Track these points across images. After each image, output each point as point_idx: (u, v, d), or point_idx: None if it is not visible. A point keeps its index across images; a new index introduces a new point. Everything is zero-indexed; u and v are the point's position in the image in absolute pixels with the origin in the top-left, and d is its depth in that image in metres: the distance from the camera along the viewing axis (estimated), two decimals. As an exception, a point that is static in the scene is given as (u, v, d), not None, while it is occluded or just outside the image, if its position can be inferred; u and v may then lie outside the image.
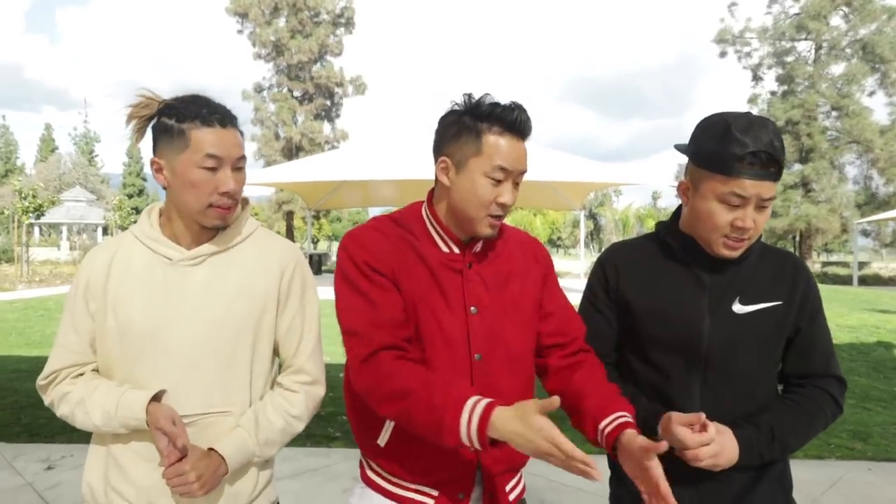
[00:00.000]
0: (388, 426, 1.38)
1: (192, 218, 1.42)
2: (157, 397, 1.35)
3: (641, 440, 1.19)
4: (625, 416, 1.29)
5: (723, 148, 1.33)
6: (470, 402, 1.18)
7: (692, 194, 1.42)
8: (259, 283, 1.46)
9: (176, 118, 1.35)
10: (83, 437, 5.21)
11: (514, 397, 1.33)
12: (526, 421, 1.16)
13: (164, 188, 1.42)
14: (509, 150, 1.32)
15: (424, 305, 1.36)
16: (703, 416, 1.28)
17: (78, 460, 4.38)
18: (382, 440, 1.39)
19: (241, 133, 1.46)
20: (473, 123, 1.33)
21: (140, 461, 1.39)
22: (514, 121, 1.32)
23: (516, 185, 1.37)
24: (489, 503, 1.41)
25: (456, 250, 1.41)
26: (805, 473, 1.52)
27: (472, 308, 1.37)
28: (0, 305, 13.59)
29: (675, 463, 1.38)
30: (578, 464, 1.13)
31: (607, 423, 1.29)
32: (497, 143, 1.32)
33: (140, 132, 1.44)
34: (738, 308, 1.43)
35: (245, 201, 1.53)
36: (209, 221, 1.41)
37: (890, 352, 8.39)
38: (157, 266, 1.42)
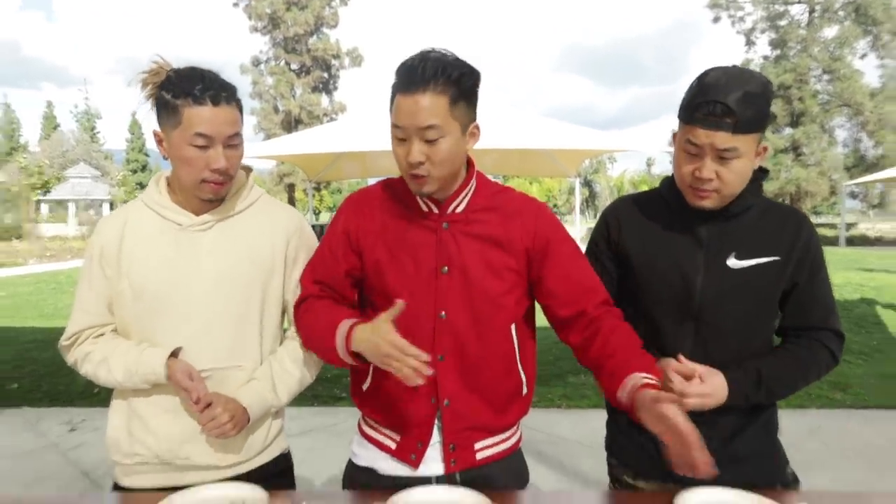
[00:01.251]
0: (371, 372, 1.42)
1: (188, 190, 1.45)
2: (174, 354, 1.41)
3: (651, 394, 1.16)
4: (638, 377, 1.23)
5: (688, 96, 1.33)
6: (342, 323, 1.31)
7: None
8: (265, 247, 1.50)
9: (172, 93, 1.34)
10: (102, 400, 5.32)
11: (484, 359, 1.39)
12: (373, 327, 1.24)
13: (165, 159, 1.45)
14: (404, 105, 1.27)
15: (393, 262, 1.38)
16: (696, 369, 1.30)
17: (98, 423, 4.49)
18: (366, 385, 1.44)
19: (240, 107, 1.42)
20: (393, 89, 1.31)
21: (160, 412, 1.45)
22: (403, 73, 1.28)
23: (428, 142, 1.27)
24: (451, 456, 1.40)
25: (435, 210, 1.39)
26: (786, 421, 1.55)
27: (443, 267, 1.36)
28: (13, 280, 13.66)
29: None
30: (411, 359, 1.17)
31: (624, 391, 1.24)
32: (397, 102, 1.28)
33: (154, 98, 1.43)
34: (732, 263, 1.40)
35: (248, 169, 1.57)
36: (203, 195, 1.43)
37: (872, 308, 8.49)
38: (168, 231, 1.46)
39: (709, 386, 1.30)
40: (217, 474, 1.46)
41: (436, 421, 1.41)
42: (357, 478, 1.49)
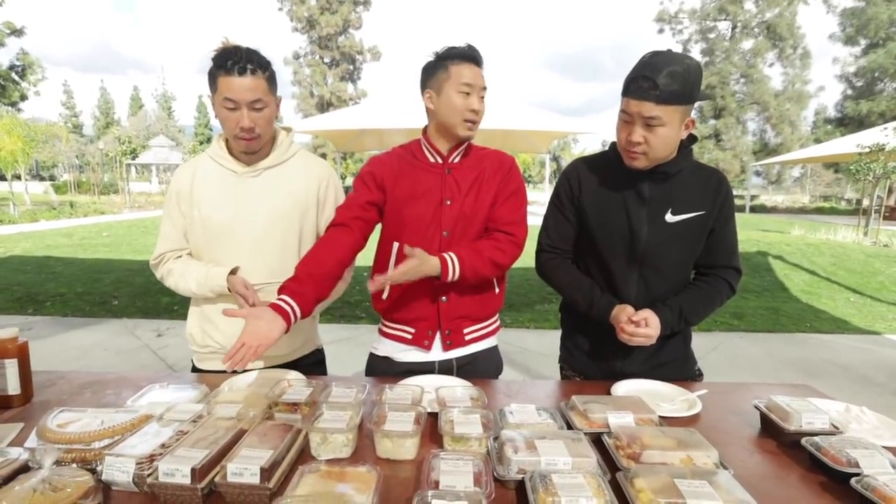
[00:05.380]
0: (387, 289, 1.45)
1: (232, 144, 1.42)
2: (233, 271, 1.41)
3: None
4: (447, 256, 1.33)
5: (629, 73, 1.26)
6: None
7: None
8: (302, 189, 1.48)
9: (213, 65, 1.31)
10: (181, 315, 5.39)
11: None
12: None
13: (216, 118, 1.40)
14: (468, 71, 1.36)
15: (410, 198, 1.41)
16: (645, 317, 1.30)
17: (178, 330, 4.56)
18: (385, 294, 1.47)
19: (268, 78, 1.34)
20: (441, 62, 1.38)
21: (223, 315, 1.46)
22: (466, 52, 1.37)
23: (481, 98, 1.39)
24: (447, 339, 1.46)
25: (440, 160, 1.44)
26: (697, 340, 1.55)
27: (447, 200, 1.41)
28: (112, 224, 13.58)
29: (614, 336, 1.38)
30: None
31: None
32: (459, 68, 1.35)
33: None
34: (669, 218, 1.35)
35: (289, 129, 1.53)
36: (238, 148, 1.41)
37: (764, 258, 8.55)
38: (226, 177, 1.44)
39: (652, 329, 1.30)
40: (268, 363, 1.49)
41: (438, 314, 1.45)
42: (377, 364, 1.53)
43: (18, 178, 19.16)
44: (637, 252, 1.38)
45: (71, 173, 31.62)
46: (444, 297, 1.44)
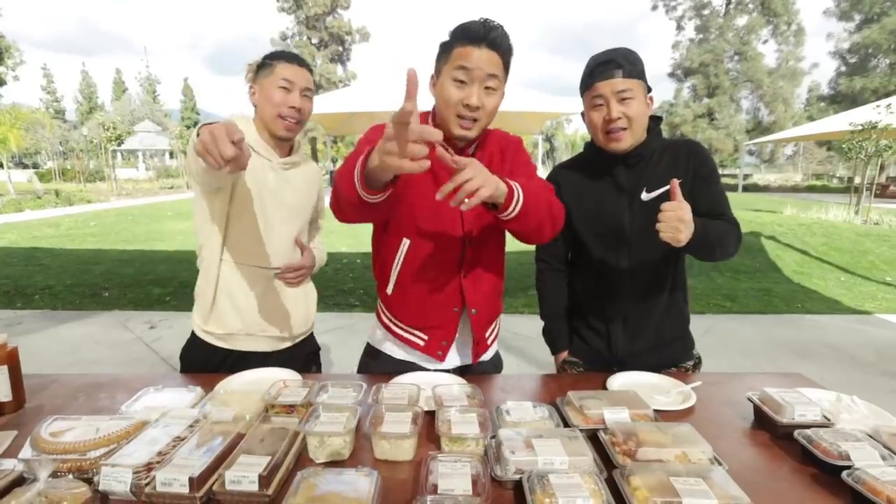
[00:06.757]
0: (393, 278, 1.35)
1: (268, 125, 1.46)
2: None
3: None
4: None
5: (585, 72, 1.37)
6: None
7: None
8: (312, 186, 1.64)
9: (271, 58, 1.46)
10: (174, 306, 5.30)
11: (489, 268, 1.39)
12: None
13: (254, 106, 1.49)
14: (473, 53, 1.14)
15: (422, 183, 1.26)
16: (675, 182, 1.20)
17: (171, 322, 4.53)
18: (389, 289, 1.37)
19: (312, 76, 1.53)
20: (449, 41, 1.19)
21: (243, 295, 1.50)
22: (472, 30, 1.15)
23: (487, 89, 1.17)
24: (475, 348, 1.40)
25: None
26: (690, 324, 1.59)
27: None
28: (99, 213, 13.39)
29: (609, 305, 1.44)
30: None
31: None
32: (462, 50, 1.15)
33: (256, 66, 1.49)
34: (644, 197, 1.37)
35: (298, 143, 1.64)
36: (277, 131, 1.46)
37: (757, 238, 8.63)
38: (260, 161, 1.50)
39: (688, 212, 1.18)
40: (280, 343, 1.57)
41: (459, 324, 1.37)
42: (376, 356, 1.47)
43: (0, 166, 18.78)
44: (623, 238, 1.41)
45: (55, 160, 31.07)
46: (473, 309, 1.35)
